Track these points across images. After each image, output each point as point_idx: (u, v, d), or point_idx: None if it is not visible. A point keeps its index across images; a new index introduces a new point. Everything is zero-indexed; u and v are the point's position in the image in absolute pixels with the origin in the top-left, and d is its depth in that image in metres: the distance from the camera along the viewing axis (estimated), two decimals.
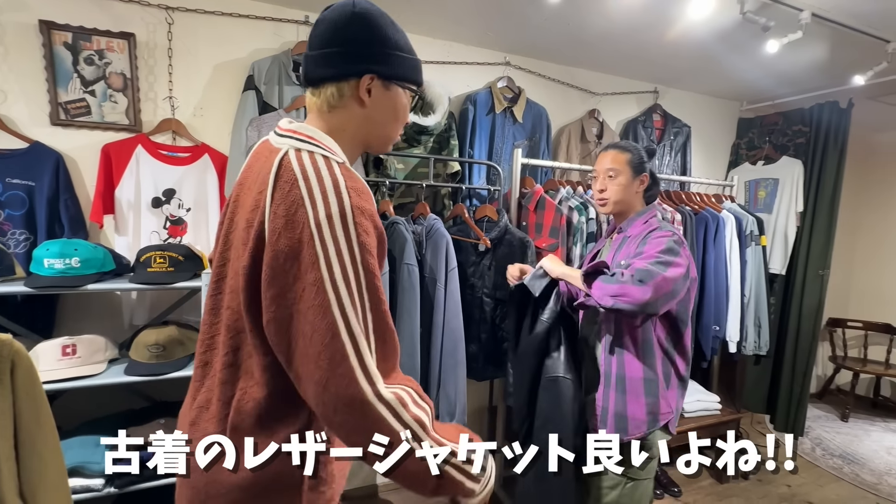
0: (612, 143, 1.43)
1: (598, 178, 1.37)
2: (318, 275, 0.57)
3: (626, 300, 1.09)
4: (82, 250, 1.42)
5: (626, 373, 1.26)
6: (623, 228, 1.36)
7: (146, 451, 1.43)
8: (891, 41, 1.88)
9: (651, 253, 1.17)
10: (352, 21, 0.68)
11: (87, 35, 1.60)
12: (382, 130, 0.76)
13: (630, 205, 1.35)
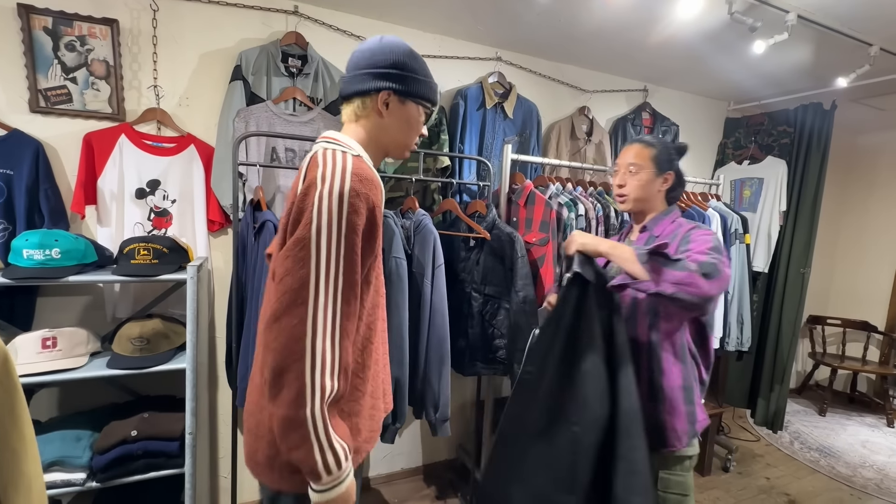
0: (639, 137, 1.32)
1: (618, 173, 1.28)
2: (307, 234, 0.73)
3: (692, 290, 0.97)
4: (63, 241, 1.39)
5: (662, 381, 1.15)
6: (648, 227, 1.26)
7: (129, 444, 1.43)
8: (873, 44, 1.92)
9: (702, 249, 1.05)
10: (377, 50, 0.88)
11: (68, 20, 1.55)
12: (398, 137, 0.94)
13: (651, 203, 1.26)
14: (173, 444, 1.48)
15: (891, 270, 3.55)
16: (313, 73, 1.86)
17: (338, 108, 1.90)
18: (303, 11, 1.86)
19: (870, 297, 3.64)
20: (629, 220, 1.41)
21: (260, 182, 1.73)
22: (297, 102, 1.83)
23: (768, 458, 2.72)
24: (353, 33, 1.97)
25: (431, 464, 2.38)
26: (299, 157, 1.84)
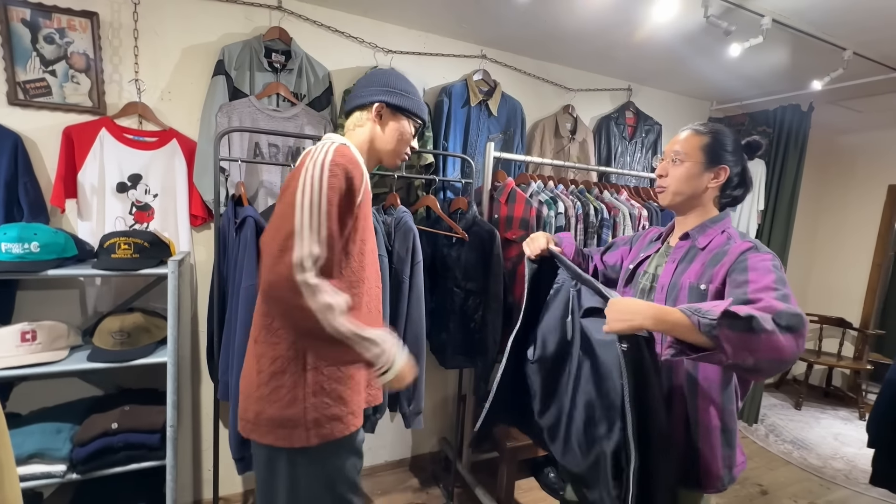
0: (695, 124, 1.11)
1: (662, 162, 1.12)
2: (294, 186, 0.87)
3: (774, 357, 0.76)
4: (42, 235, 1.39)
5: (700, 418, 1.00)
6: (692, 236, 1.07)
7: (110, 437, 1.44)
8: (846, 49, 1.97)
9: (766, 283, 0.86)
10: (372, 75, 1.12)
11: (47, 12, 1.54)
12: (390, 146, 1.09)
13: (696, 202, 1.07)
14: (154, 436, 1.50)
15: (866, 268, 3.64)
16: (297, 69, 1.87)
17: (321, 104, 1.92)
18: (286, 7, 1.86)
19: (846, 294, 3.74)
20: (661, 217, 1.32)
21: (242, 177, 1.73)
22: (280, 98, 1.83)
23: (744, 451, 2.80)
24: (336, 29, 1.97)
25: (414, 456, 2.42)
26: (282, 152, 1.85)
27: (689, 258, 1.05)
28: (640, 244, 1.26)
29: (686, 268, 1.05)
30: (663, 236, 1.19)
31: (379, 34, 2.05)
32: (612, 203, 2.14)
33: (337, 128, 1.94)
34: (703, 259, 1.03)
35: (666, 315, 0.82)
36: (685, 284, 1.02)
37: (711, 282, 0.98)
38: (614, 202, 2.15)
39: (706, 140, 1.05)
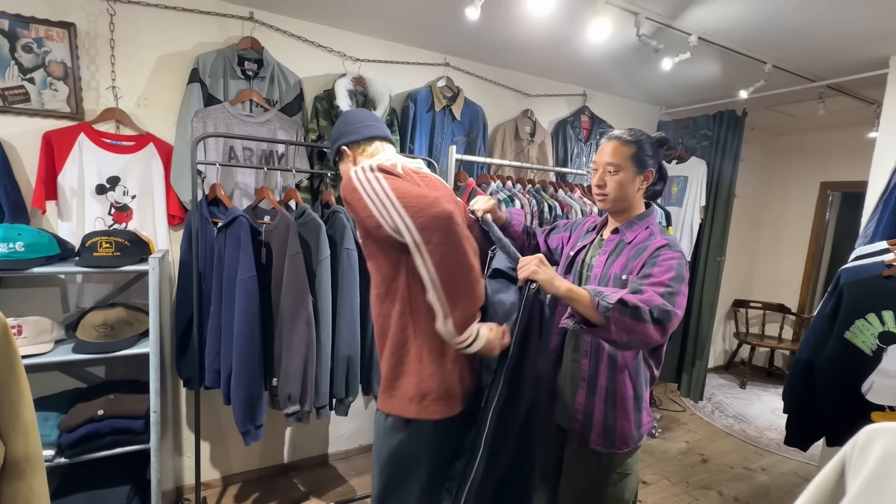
0: (617, 132, 1.22)
1: (597, 172, 1.22)
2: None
3: (643, 340, 0.99)
4: (26, 235, 1.48)
5: (618, 390, 1.18)
6: (621, 231, 1.22)
7: (96, 423, 1.55)
8: (767, 62, 2.21)
9: (663, 279, 1.04)
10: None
11: (25, 23, 1.61)
12: None
13: (631, 203, 1.22)
14: (139, 422, 1.61)
15: (802, 258, 3.99)
16: (269, 77, 1.98)
17: (293, 110, 2.04)
18: (258, 18, 1.98)
19: (786, 282, 4.09)
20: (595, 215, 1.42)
21: (218, 179, 1.84)
22: (253, 104, 1.95)
23: (690, 426, 3.07)
24: (306, 38, 2.10)
25: None
26: (256, 155, 1.96)
27: (618, 251, 1.20)
28: (578, 232, 1.40)
29: (614, 260, 1.20)
30: (598, 228, 1.33)
31: (347, 43, 2.18)
32: (566, 200, 2.34)
33: (308, 132, 2.06)
34: (629, 252, 1.18)
35: (574, 290, 1.02)
36: (611, 275, 1.18)
37: (631, 273, 1.14)
38: (567, 200, 2.35)
39: (634, 150, 1.18)
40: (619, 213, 1.24)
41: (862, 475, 0.34)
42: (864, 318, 1.73)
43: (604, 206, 1.24)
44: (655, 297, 1.00)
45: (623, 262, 1.17)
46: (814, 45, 2.05)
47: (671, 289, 1.03)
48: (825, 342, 1.82)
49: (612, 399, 1.19)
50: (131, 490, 1.66)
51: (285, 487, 2.20)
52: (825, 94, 2.59)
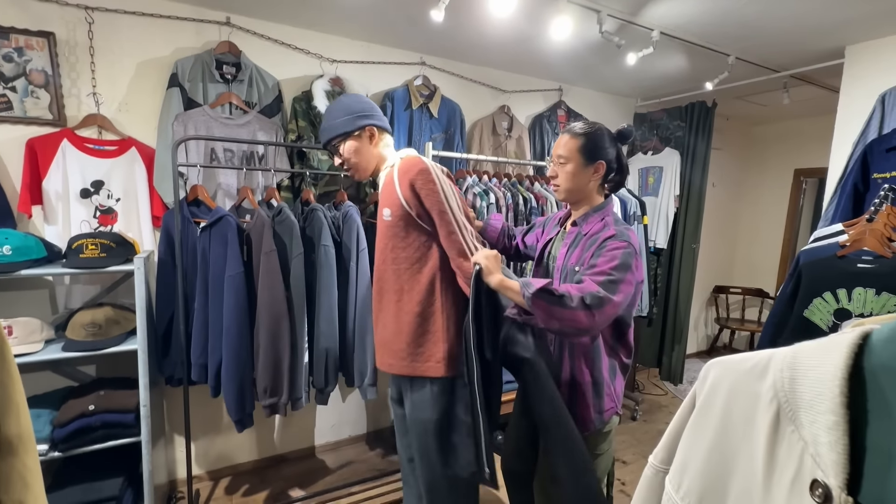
0: (570, 126, 1.28)
1: (552, 163, 1.30)
2: None
3: (573, 325, 1.06)
4: (13, 239, 1.53)
5: (575, 376, 1.24)
6: (578, 223, 1.28)
7: (88, 417, 1.61)
8: (730, 55, 2.30)
9: (604, 269, 1.11)
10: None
11: (5, 33, 1.66)
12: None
13: (585, 193, 1.26)
14: (129, 415, 1.67)
15: (779, 244, 4.11)
16: (247, 79, 2.04)
17: (272, 111, 2.10)
18: (234, 22, 2.03)
19: (764, 267, 4.20)
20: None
21: (201, 181, 1.90)
22: (233, 106, 2.00)
23: (671, 408, 3.18)
24: (283, 41, 2.15)
25: (376, 430, 2.65)
26: (237, 156, 2.02)
27: (576, 243, 1.26)
28: (549, 226, 1.46)
29: (573, 252, 1.25)
30: (562, 221, 1.39)
31: (324, 45, 2.24)
32: (541, 193, 2.41)
33: (287, 133, 2.12)
34: (584, 244, 1.23)
35: (506, 282, 1.13)
36: (570, 267, 1.24)
37: (583, 265, 1.19)
38: (542, 192, 2.43)
39: (582, 142, 1.23)
40: (577, 204, 1.30)
41: (700, 398, 0.42)
42: (821, 297, 1.82)
43: (558, 196, 1.31)
44: (591, 285, 1.08)
45: (578, 255, 1.23)
46: (772, 37, 2.14)
47: (611, 277, 1.09)
48: (786, 321, 1.91)
49: (571, 385, 1.26)
50: (124, 482, 1.72)
51: (275, 478, 2.27)
52: (789, 84, 2.68)
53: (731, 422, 0.37)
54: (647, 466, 0.49)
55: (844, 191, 2.12)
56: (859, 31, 2.08)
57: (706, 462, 0.38)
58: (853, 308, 1.74)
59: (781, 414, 0.32)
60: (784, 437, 0.31)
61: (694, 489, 0.39)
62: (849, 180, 2.13)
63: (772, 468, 0.32)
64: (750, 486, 0.34)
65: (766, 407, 0.33)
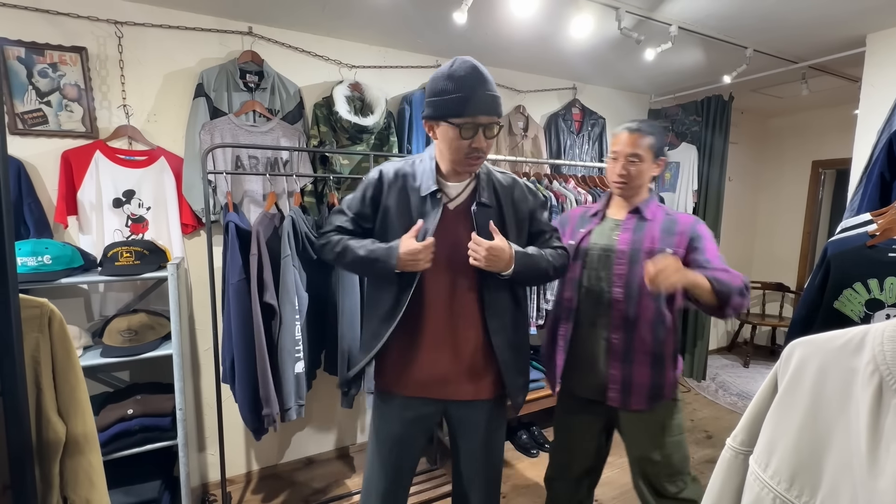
0: (634, 125, 1.33)
1: (618, 161, 1.33)
2: None
3: (743, 307, 1.24)
4: (52, 248, 1.57)
5: (663, 349, 1.30)
6: (641, 209, 1.35)
7: (127, 421, 1.65)
8: (747, 47, 2.29)
9: (716, 253, 1.28)
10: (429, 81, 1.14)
11: (40, 50, 1.72)
12: (446, 157, 1.13)
13: (643, 187, 1.36)
14: (166, 419, 1.70)
15: (798, 237, 4.06)
16: (270, 87, 2.08)
17: (294, 118, 2.14)
18: (257, 32, 2.07)
19: (784, 261, 4.15)
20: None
21: (229, 187, 1.94)
22: (256, 114, 2.04)
23: (695, 405, 3.15)
24: (303, 49, 2.19)
25: None
26: (262, 163, 2.06)
27: (641, 228, 1.33)
28: (572, 224, 1.48)
29: (641, 236, 1.32)
30: (600, 213, 1.44)
31: (342, 52, 2.28)
32: (560, 191, 2.42)
33: (310, 139, 2.16)
34: (654, 228, 1.32)
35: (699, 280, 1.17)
36: (646, 248, 1.30)
37: (677, 246, 1.29)
38: (562, 190, 2.43)
39: (652, 140, 1.32)
40: (634, 195, 1.37)
41: (785, 379, 0.42)
42: (851, 288, 1.80)
43: (622, 193, 1.37)
44: (735, 278, 1.22)
45: (657, 237, 1.31)
46: (791, 28, 2.13)
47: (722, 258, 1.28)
48: (815, 313, 1.89)
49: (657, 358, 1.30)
50: (162, 485, 1.75)
51: (306, 480, 2.29)
52: (808, 75, 2.66)
53: (824, 398, 0.38)
54: (724, 449, 0.49)
55: (870, 180, 2.09)
56: (880, 19, 2.05)
57: (797, 440, 0.39)
58: (885, 298, 1.71)
59: (884, 386, 0.33)
60: (889, 408, 0.32)
61: (784, 468, 0.40)
62: (875, 169, 2.10)
63: (877, 440, 0.32)
64: (850, 460, 0.34)
65: (865, 381, 0.34)
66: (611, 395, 1.33)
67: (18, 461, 0.65)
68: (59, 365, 0.77)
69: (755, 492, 0.42)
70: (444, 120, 1.05)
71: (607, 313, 1.33)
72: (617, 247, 1.34)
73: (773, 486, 0.40)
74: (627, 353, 1.31)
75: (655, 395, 1.31)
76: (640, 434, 1.37)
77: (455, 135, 1.05)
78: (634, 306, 1.29)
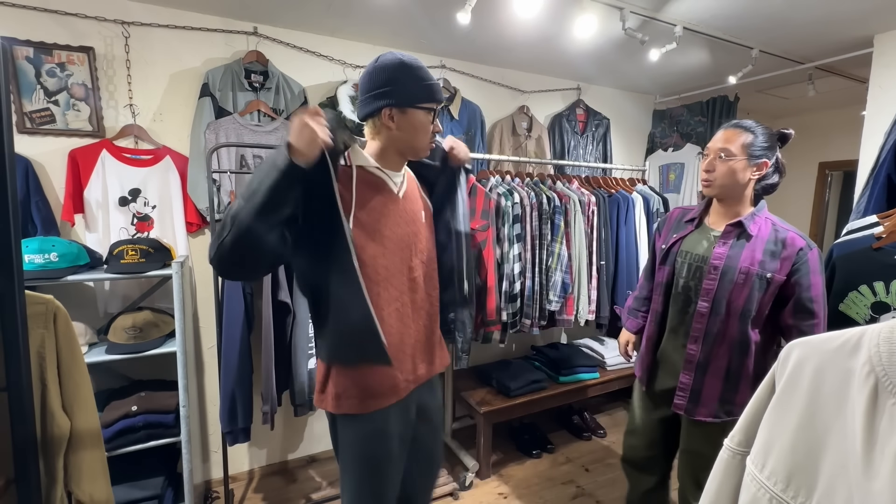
0: (738, 121, 1.25)
1: (707, 157, 1.26)
2: None
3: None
4: (59, 246, 1.59)
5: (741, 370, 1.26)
6: (745, 224, 1.24)
7: (132, 418, 1.66)
8: (753, 48, 2.28)
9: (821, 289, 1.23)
10: (372, 73, 1.03)
11: (48, 49, 1.73)
12: (409, 142, 1.07)
13: (739, 192, 1.24)
14: (169, 416, 1.72)
15: None
16: (275, 87, 2.09)
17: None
18: (262, 32, 2.08)
19: None
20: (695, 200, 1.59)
21: (233, 186, 1.95)
22: (261, 114, 2.05)
23: None
24: (308, 49, 2.20)
25: None
26: None
27: (741, 244, 1.24)
28: (667, 227, 1.46)
29: (739, 252, 1.23)
30: (697, 218, 1.36)
31: (347, 52, 2.29)
32: (563, 192, 2.41)
33: None
34: (757, 246, 1.22)
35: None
36: (743, 268, 1.22)
37: (778, 272, 1.20)
38: (565, 191, 2.43)
39: (749, 138, 1.20)
40: (728, 202, 1.27)
41: (783, 379, 0.42)
42: (856, 290, 1.78)
43: (709, 192, 1.28)
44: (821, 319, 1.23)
45: (756, 257, 1.22)
46: (797, 29, 2.12)
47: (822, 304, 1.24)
48: None
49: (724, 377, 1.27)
50: (165, 481, 1.76)
51: (307, 478, 2.30)
52: (814, 76, 2.64)
53: (821, 399, 0.38)
54: (722, 450, 0.49)
55: (877, 182, 2.08)
56: (888, 19, 2.03)
57: (794, 441, 0.39)
58: (892, 301, 1.70)
59: (880, 388, 0.33)
60: (885, 410, 0.32)
61: (780, 468, 0.40)
62: (881, 171, 2.08)
63: (872, 441, 0.32)
64: (846, 461, 0.34)
65: (861, 382, 0.34)
66: (677, 402, 1.33)
67: (23, 455, 0.66)
68: (63, 361, 0.78)
69: (752, 492, 0.42)
70: (412, 106, 1.04)
71: (689, 323, 1.30)
72: (711, 260, 1.27)
73: (770, 487, 0.40)
74: (702, 365, 1.28)
75: (723, 410, 1.29)
76: (697, 441, 1.36)
77: (426, 119, 1.06)
78: (718, 323, 1.25)
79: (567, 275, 2.30)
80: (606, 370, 2.69)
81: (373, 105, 1.03)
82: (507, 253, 2.19)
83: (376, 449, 1.06)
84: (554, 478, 2.31)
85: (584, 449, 2.58)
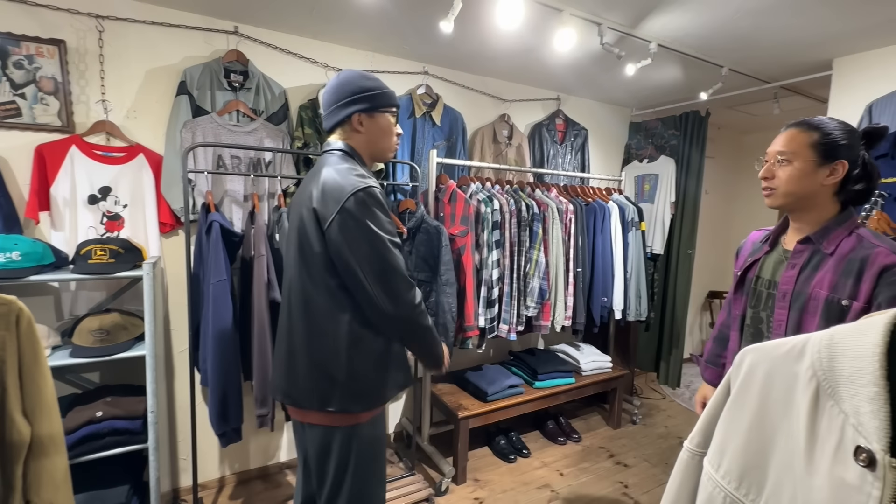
0: (802, 119, 1.03)
1: (765, 163, 1.08)
2: None
3: None
4: (22, 244, 1.53)
5: None
6: (815, 240, 1.01)
7: (96, 424, 1.60)
8: (723, 66, 2.38)
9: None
10: (338, 86, 1.16)
11: (16, 40, 1.67)
12: (380, 144, 1.20)
13: (811, 202, 1.01)
14: (136, 422, 1.66)
15: None
16: (255, 87, 2.07)
17: (279, 119, 2.12)
18: (242, 31, 2.06)
19: None
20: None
21: (209, 187, 1.92)
22: (240, 114, 2.03)
23: (669, 412, 3.22)
24: (290, 51, 2.19)
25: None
26: (244, 163, 2.04)
27: (815, 264, 1.00)
28: (745, 250, 1.25)
29: (812, 274, 0.99)
30: (772, 237, 1.15)
31: (329, 55, 2.28)
32: (542, 199, 2.46)
33: (294, 140, 2.15)
34: (834, 266, 0.96)
35: None
36: (815, 294, 0.98)
37: (855, 298, 0.91)
38: (544, 199, 2.47)
39: (815, 136, 0.99)
40: (801, 214, 1.05)
41: (737, 384, 0.45)
42: None
43: (771, 203, 1.07)
44: None
45: (831, 280, 0.96)
46: (763, 50, 2.23)
47: None
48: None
49: None
50: (130, 490, 1.70)
51: (280, 485, 2.26)
52: (779, 94, 2.78)
53: (770, 402, 0.40)
54: (682, 451, 0.51)
55: None
56: (846, 45, 2.16)
57: (746, 441, 0.41)
58: None
59: (821, 391, 0.35)
60: (824, 412, 0.35)
61: (734, 467, 0.42)
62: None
63: (813, 440, 0.35)
64: (791, 460, 0.37)
65: (805, 386, 0.37)
66: None
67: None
68: (25, 364, 0.75)
69: (708, 491, 0.44)
70: (378, 110, 1.17)
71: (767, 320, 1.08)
72: (780, 286, 1.05)
73: (724, 486, 0.43)
74: None
75: None
76: None
77: (391, 121, 1.21)
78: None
79: (544, 281, 2.34)
80: (582, 375, 2.74)
81: (343, 112, 1.15)
82: (486, 259, 2.22)
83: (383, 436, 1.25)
84: (529, 482, 2.33)
85: (560, 453, 2.61)
